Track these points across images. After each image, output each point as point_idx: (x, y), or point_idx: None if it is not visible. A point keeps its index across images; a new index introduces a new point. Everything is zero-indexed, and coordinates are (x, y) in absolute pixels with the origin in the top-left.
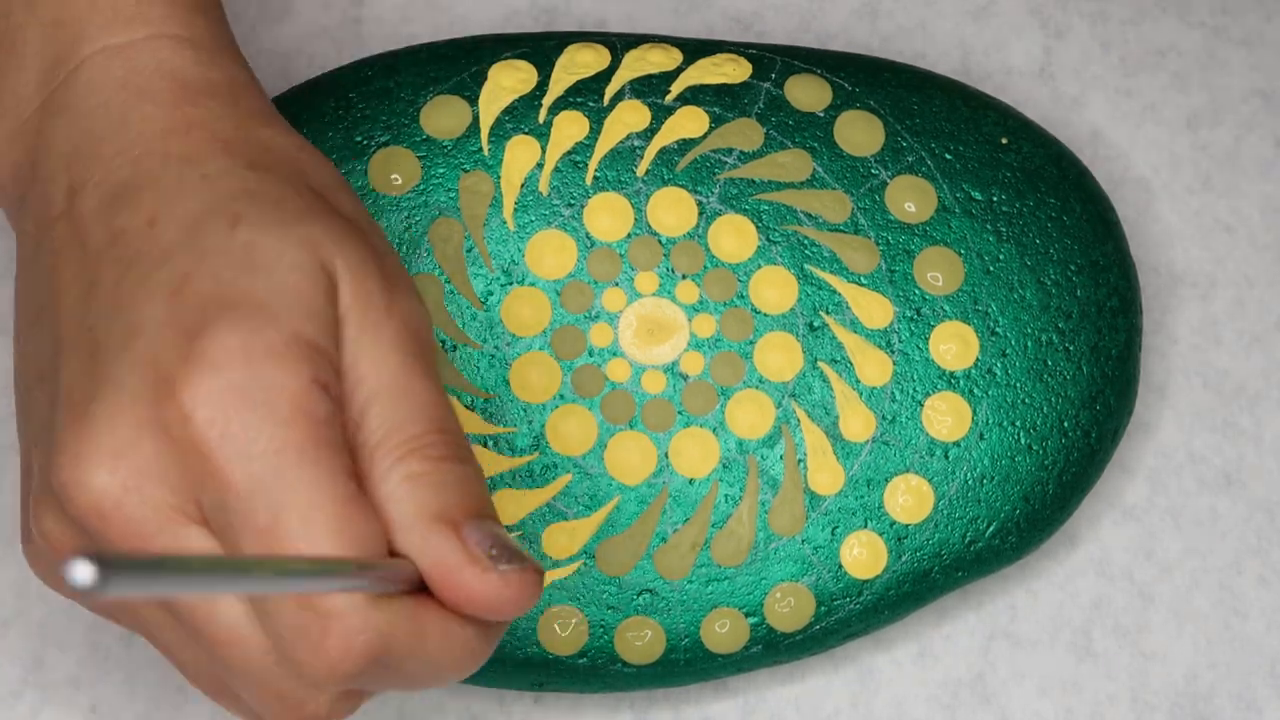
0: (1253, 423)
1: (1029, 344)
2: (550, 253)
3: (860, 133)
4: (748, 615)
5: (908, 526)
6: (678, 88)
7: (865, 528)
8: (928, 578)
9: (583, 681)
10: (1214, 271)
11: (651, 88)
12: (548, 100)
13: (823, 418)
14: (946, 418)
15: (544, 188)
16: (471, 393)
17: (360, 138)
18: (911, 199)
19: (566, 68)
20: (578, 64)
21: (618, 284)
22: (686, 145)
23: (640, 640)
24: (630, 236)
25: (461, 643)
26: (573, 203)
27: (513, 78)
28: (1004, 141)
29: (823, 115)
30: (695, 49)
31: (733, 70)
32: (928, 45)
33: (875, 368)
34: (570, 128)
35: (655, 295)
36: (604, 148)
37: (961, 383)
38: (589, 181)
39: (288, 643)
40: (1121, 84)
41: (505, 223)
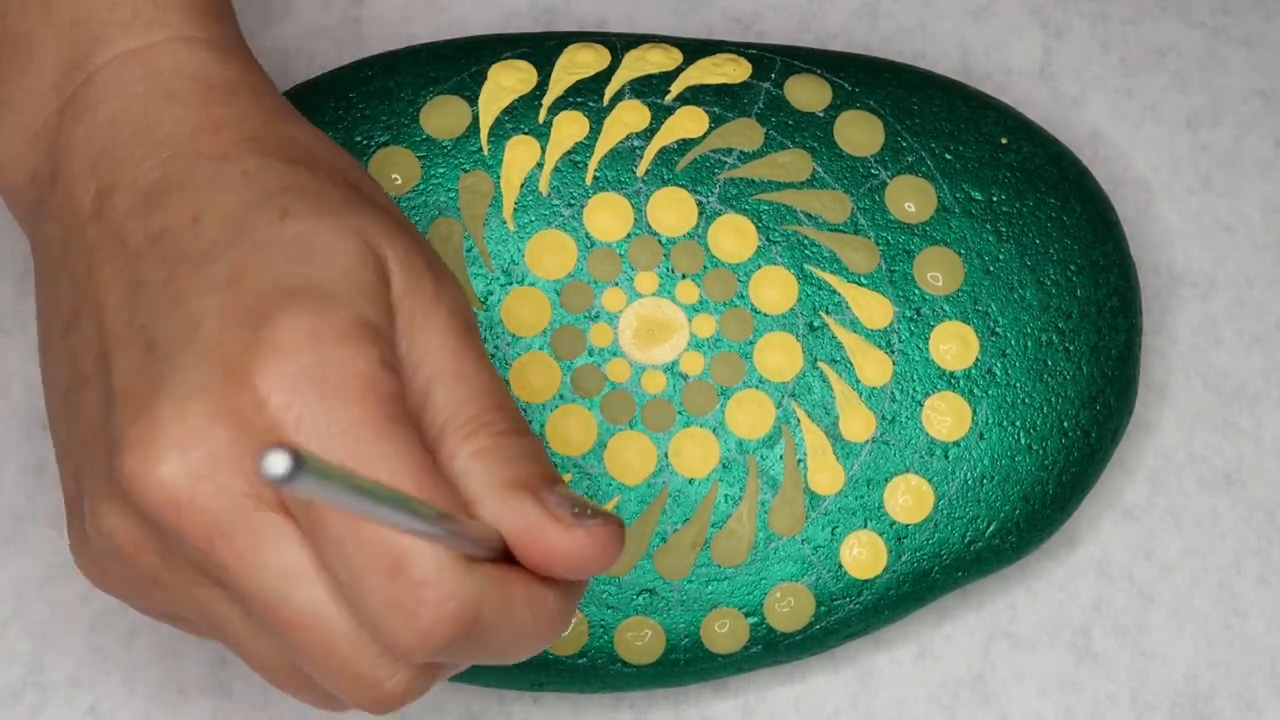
0: (1253, 423)
1: (1029, 344)
2: (550, 253)
3: (860, 133)
4: (748, 615)
5: (908, 526)
6: (678, 88)
7: (865, 528)
8: (928, 578)
9: (583, 681)
10: (1214, 271)
11: (651, 88)
12: (547, 100)
13: (823, 418)
14: (946, 418)
15: (544, 188)
16: None
17: (360, 138)
18: (911, 199)
19: (566, 68)
20: (578, 64)
21: (617, 284)
22: (686, 145)
23: (640, 640)
24: (630, 236)
25: (545, 608)
26: (573, 203)
27: (513, 78)
28: (1004, 141)
29: (823, 115)
30: (695, 49)
31: (733, 70)
32: (928, 45)
33: (875, 368)
34: (570, 128)
35: (655, 295)
36: (604, 148)
37: (961, 383)
38: (589, 181)
39: (379, 616)
40: (1121, 84)
41: (505, 223)
